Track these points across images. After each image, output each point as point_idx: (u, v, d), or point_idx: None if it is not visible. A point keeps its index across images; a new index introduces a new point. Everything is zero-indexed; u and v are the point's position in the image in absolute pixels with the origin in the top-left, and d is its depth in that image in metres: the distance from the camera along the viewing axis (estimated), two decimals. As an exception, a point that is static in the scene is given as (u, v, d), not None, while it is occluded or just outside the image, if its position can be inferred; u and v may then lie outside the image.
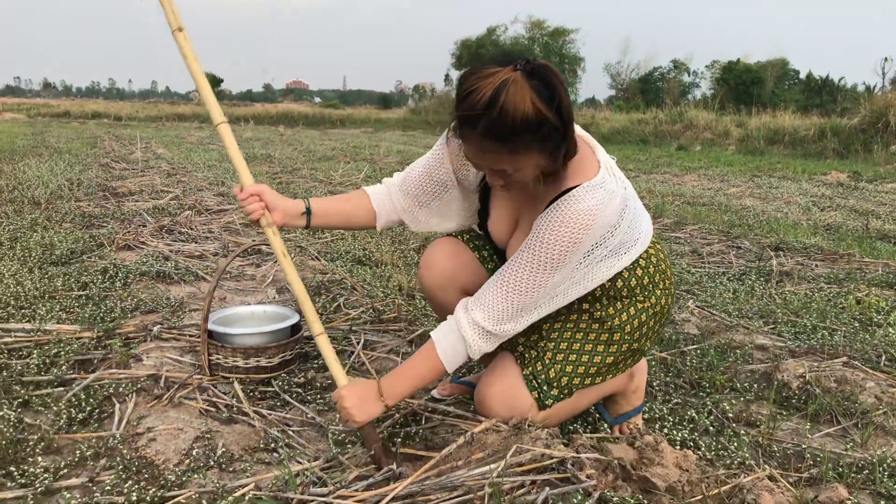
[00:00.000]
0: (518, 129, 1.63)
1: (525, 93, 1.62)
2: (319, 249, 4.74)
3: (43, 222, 5.23)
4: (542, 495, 1.63)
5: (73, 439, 2.07)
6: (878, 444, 2.22)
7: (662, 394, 2.54)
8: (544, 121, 1.65)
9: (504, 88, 1.62)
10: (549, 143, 1.70)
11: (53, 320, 3.01)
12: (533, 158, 1.73)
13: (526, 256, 1.84)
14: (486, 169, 1.82)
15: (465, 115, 1.68)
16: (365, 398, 1.92)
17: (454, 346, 1.92)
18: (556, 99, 1.66)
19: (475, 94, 1.65)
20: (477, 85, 1.65)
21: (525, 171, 1.76)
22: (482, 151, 1.74)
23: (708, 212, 6.96)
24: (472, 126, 1.68)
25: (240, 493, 1.75)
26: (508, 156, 1.71)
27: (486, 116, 1.63)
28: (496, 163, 1.75)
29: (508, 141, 1.67)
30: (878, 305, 3.63)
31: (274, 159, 11.70)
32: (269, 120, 33.95)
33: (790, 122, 17.88)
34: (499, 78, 1.63)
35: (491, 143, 1.69)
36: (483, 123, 1.65)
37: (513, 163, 1.73)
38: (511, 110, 1.61)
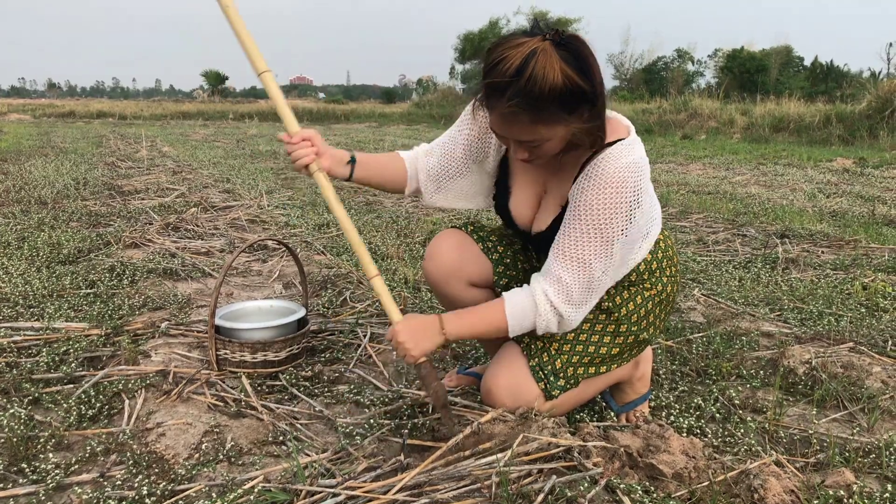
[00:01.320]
0: (547, 97, 1.63)
1: (554, 62, 1.61)
2: (325, 244, 4.75)
3: (50, 222, 5.26)
4: (548, 483, 1.64)
5: (84, 435, 2.09)
6: (885, 429, 2.23)
7: (669, 382, 2.55)
8: (575, 90, 1.64)
9: (533, 57, 1.61)
10: (579, 113, 1.69)
11: (62, 318, 3.03)
12: (561, 129, 1.71)
13: (580, 228, 1.81)
14: (511, 140, 1.80)
15: (494, 84, 1.67)
16: (422, 331, 1.90)
17: (523, 311, 1.89)
18: (587, 69, 1.65)
19: (504, 62, 1.64)
20: (506, 54, 1.65)
21: (552, 142, 1.75)
22: (509, 122, 1.72)
23: (713, 200, 6.95)
24: (501, 95, 1.67)
25: (249, 486, 1.76)
26: (535, 125, 1.69)
27: (514, 85, 1.63)
28: (523, 133, 1.73)
29: (537, 110, 1.65)
30: (885, 291, 3.63)
31: (279, 156, 11.70)
32: (273, 116, 33.86)
33: (795, 109, 17.82)
34: (528, 47, 1.63)
35: (519, 112, 1.67)
36: (511, 92, 1.64)
37: (540, 132, 1.71)
38: (540, 79, 1.60)
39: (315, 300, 3.47)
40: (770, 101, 20.01)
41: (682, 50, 54.25)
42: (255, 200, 6.55)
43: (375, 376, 2.60)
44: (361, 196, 7.17)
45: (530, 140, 1.74)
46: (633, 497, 1.66)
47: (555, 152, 1.80)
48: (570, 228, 1.84)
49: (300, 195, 7.04)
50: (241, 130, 21.47)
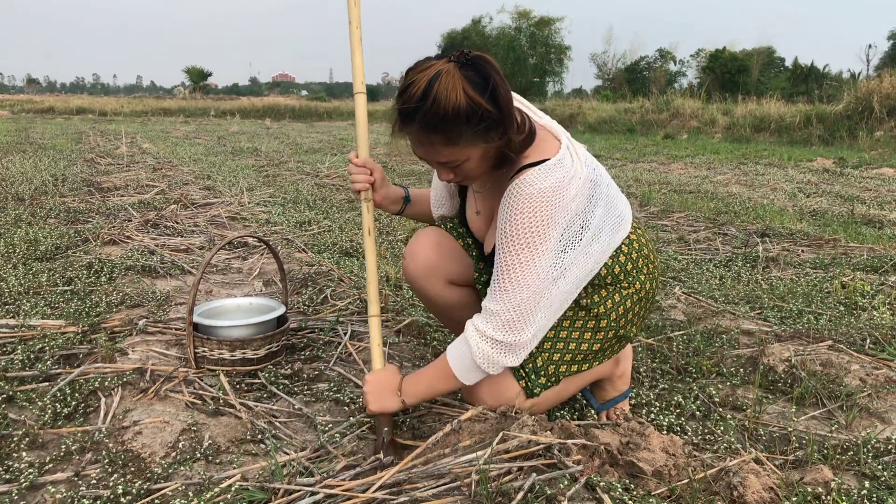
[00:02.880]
0: (451, 118, 1.66)
1: (457, 82, 1.64)
2: (306, 241, 4.73)
3: (27, 218, 5.20)
4: (528, 481, 1.64)
5: (59, 434, 2.06)
6: (863, 426, 2.24)
7: (649, 380, 2.55)
8: (477, 110, 1.66)
9: (437, 79, 1.64)
10: (490, 132, 1.72)
11: (38, 315, 2.99)
12: (476, 148, 1.74)
13: (504, 250, 1.82)
14: (431, 162, 1.84)
15: (403, 109, 1.71)
16: (384, 390, 1.96)
17: (462, 355, 1.89)
18: (490, 87, 1.67)
19: (412, 87, 1.68)
20: (414, 78, 1.69)
21: (471, 162, 1.77)
22: (422, 144, 1.76)
23: (695, 199, 6.98)
24: (411, 119, 1.71)
25: (226, 485, 1.74)
26: (447, 147, 1.73)
27: (421, 108, 1.66)
28: (437, 154, 1.77)
29: (444, 131, 1.68)
30: (863, 289, 3.65)
31: (260, 152, 11.64)
32: (255, 113, 33.84)
33: (776, 109, 17.96)
34: (433, 70, 1.66)
35: (428, 134, 1.71)
36: (419, 116, 1.68)
37: (454, 153, 1.75)
38: (443, 100, 1.64)
39: (295, 298, 3.45)
40: (751, 101, 20.13)
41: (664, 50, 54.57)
42: (236, 197, 6.50)
43: (355, 374, 2.58)
44: (343, 194, 7.13)
45: (447, 161, 1.78)
46: (612, 495, 1.65)
47: (480, 171, 1.83)
48: (498, 254, 1.84)
49: (281, 192, 7.00)
50: (223, 127, 21.37)
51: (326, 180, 8.19)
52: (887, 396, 2.43)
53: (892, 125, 14.63)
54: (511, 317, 1.83)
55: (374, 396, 1.94)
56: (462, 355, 1.89)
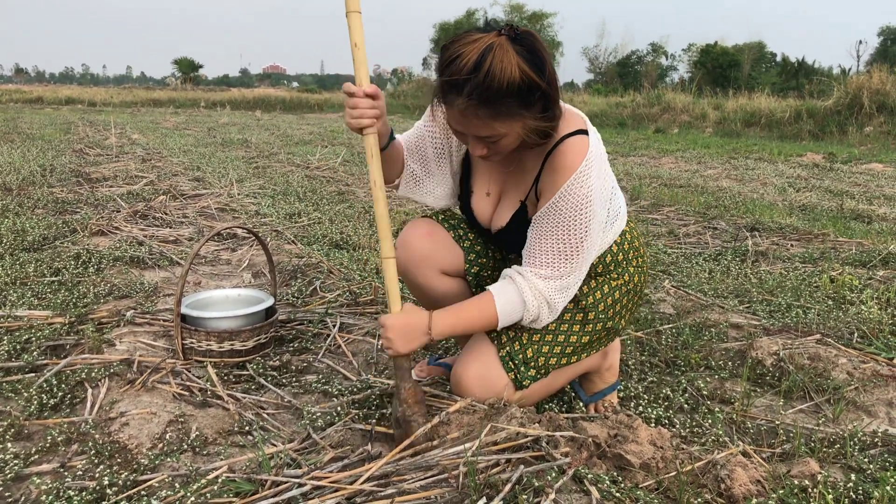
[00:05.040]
0: (504, 92, 1.64)
1: (511, 57, 1.62)
2: (296, 233, 4.71)
3: (15, 208, 5.16)
4: (516, 473, 1.64)
5: (45, 425, 2.05)
6: (850, 419, 2.25)
7: (638, 372, 2.55)
8: (531, 85, 1.65)
9: (490, 52, 1.62)
10: (535, 108, 1.71)
11: (25, 306, 2.97)
12: (518, 124, 1.73)
13: (554, 218, 1.82)
14: (469, 136, 1.81)
15: (451, 80, 1.67)
16: (411, 329, 1.87)
17: (512, 304, 1.89)
18: (541, 64, 1.66)
19: (460, 59, 1.64)
20: (462, 50, 1.65)
21: (509, 137, 1.76)
22: (468, 118, 1.73)
23: (685, 193, 6.99)
24: (458, 91, 1.67)
25: (213, 476, 1.73)
26: (493, 121, 1.71)
27: (472, 80, 1.63)
28: (481, 128, 1.74)
29: (494, 104, 1.66)
30: (852, 284, 3.67)
31: (251, 144, 11.59)
32: (245, 105, 33.68)
33: (767, 104, 17.99)
34: (484, 42, 1.64)
35: (476, 108, 1.68)
36: (469, 88, 1.65)
37: (500, 127, 1.72)
38: (498, 73, 1.61)
39: (284, 289, 3.44)
40: (742, 96, 20.18)
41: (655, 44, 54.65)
42: (226, 189, 6.48)
43: (344, 366, 2.57)
44: (333, 186, 7.11)
45: (488, 136, 1.76)
46: (600, 487, 1.65)
47: (512, 148, 1.82)
48: (544, 220, 1.85)
49: (271, 184, 6.98)
50: (213, 119, 21.26)
51: (317, 172, 8.16)
52: (874, 390, 2.44)
53: (882, 121, 14.69)
54: (565, 281, 1.88)
55: (404, 338, 1.86)
56: (514, 306, 1.89)
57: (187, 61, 66.71)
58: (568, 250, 1.84)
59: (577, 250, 1.84)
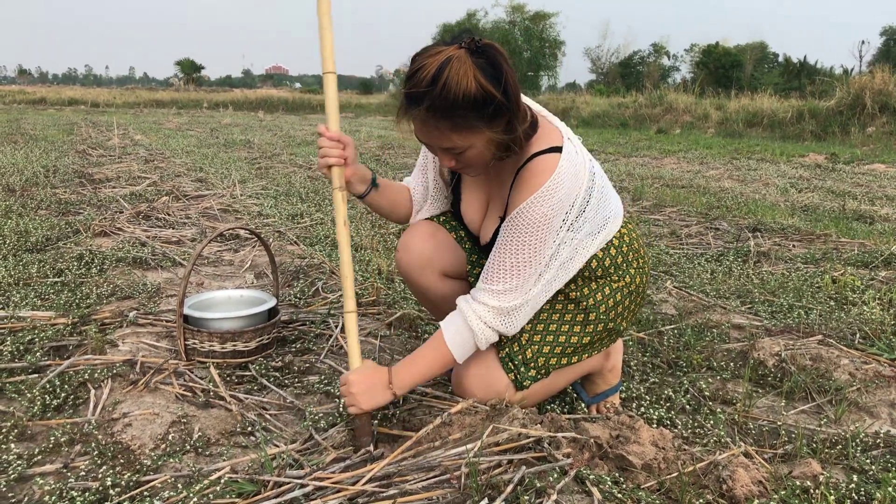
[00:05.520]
0: (460, 104, 1.66)
1: (468, 69, 1.65)
2: (298, 234, 4.72)
3: (18, 209, 5.17)
4: (518, 474, 1.64)
5: (48, 426, 2.06)
6: (852, 420, 2.25)
7: (640, 373, 2.55)
8: (488, 97, 1.67)
9: (448, 65, 1.65)
10: (497, 120, 1.72)
11: (28, 307, 2.97)
12: (481, 136, 1.74)
13: (509, 236, 1.84)
14: (435, 148, 1.83)
15: (411, 93, 1.71)
16: (373, 386, 1.89)
17: (461, 334, 1.90)
18: (502, 76, 1.68)
19: (420, 71, 1.68)
20: (423, 63, 1.69)
21: (474, 150, 1.78)
22: (428, 129, 1.75)
23: (687, 194, 6.99)
24: (418, 103, 1.70)
25: (216, 477, 1.74)
26: (453, 132, 1.73)
27: (429, 93, 1.66)
28: (443, 140, 1.76)
29: (452, 117, 1.69)
30: (854, 284, 3.66)
31: (253, 145, 11.61)
32: (248, 105, 33.73)
33: (769, 104, 17.98)
34: (444, 55, 1.66)
35: (436, 119, 1.71)
36: (427, 100, 1.67)
37: (459, 140, 1.74)
38: (454, 86, 1.64)
39: (287, 290, 3.44)
40: (744, 96, 20.17)
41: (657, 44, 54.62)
42: (228, 190, 6.48)
43: (346, 367, 2.57)
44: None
45: (450, 147, 1.77)
46: (602, 488, 1.65)
47: (483, 160, 1.83)
48: (503, 234, 1.87)
49: (274, 185, 6.98)
50: (216, 119, 21.29)
51: (319, 173, 8.17)
52: (876, 391, 2.44)
53: (884, 121, 14.67)
54: (513, 302, 1.88)
55: (366, 395, 1.88)
56: (462, 336, 1.90)
57: (190, 62, 66.82)
58: (520, 265, 1.84)
59: (528, 264, 1.85)
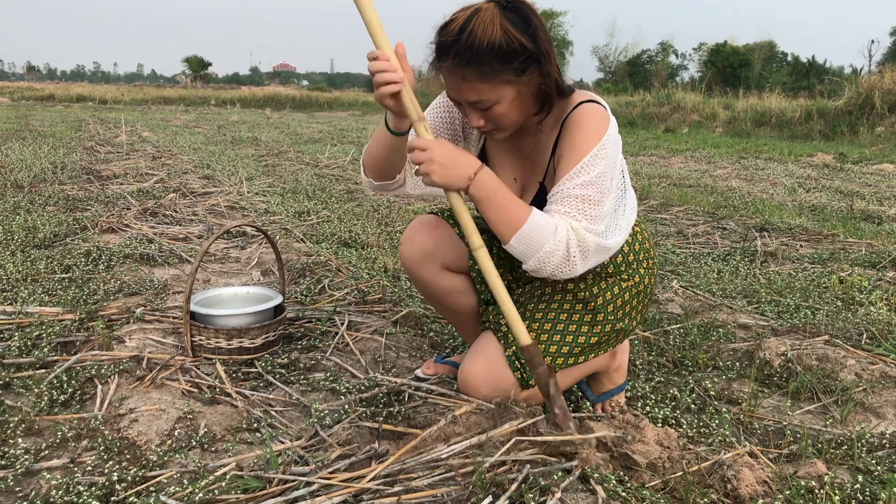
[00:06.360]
0: (486, 51, 1.67)
1: (495, 19, 1.68)
2: (305, 231, 4.72)
3: (26, 205, 5.19)
4: (523, 473, 1.64)
5: (55, 421, 2.06)
6: (858, 421, 2.24)
7: (645, 373, 2.55)
8: (515, 47, 1.68)
9: (476, 15, 1.68)
10: (527, 72, 1.73)
11: (35, 303, 2.99)
12: (510, 89, 1.74)
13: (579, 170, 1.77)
14: (464, 105, 1.82)
15: (440, 43, 1.74)
16: (457, 165, 1.72)
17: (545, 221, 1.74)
18: (531, 28, 1.70)
19: (451, 23, 1.72)
20: (454, 16, 1.73)
21: (502, 105, 1.76)
22: (456, 80, 1.75)
23: (694, 193, 6.98)
24: (446, 53, 1.72)
25: (221, 473, 1.75)
26: (481, 82, 1.72)
27: (457, 41, 1.68)
28: (471, 92, 1.75)
29: (478, 64, 1.69)
30: (861, 285, 3.65)
31: (260, 142, 11.62)
32: (255, 103, 33.79)
33: (777, 104, 17.91)
34: (474, 8, 1.71)
35: (462, 68, 1.71)
36: (454, 49, 1.69)
37: (487, 91, 1.73)
38: (480, 33, 1.66)
39: (293, 287, 3.45)
40: (752, 95, 20.11)
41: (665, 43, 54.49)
42: (235, 187, 6.50)
43: (352, 364, 2.58)
44: (342, 184, 7.13)
45: (478, 100, 1.76)
46: (606, 486, 1.66)
47: (513, 119, 1.82)
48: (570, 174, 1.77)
49: (281, 182, 7.00)
50: (223, 117, 21.34)
51: (326, 170, 8.18)
52: (882, 391, 2.43)
53: (893, 121, 14.61)
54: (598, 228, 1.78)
55: (445, 168, 1.70)
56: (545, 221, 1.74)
57: (197, 59, 66.97)
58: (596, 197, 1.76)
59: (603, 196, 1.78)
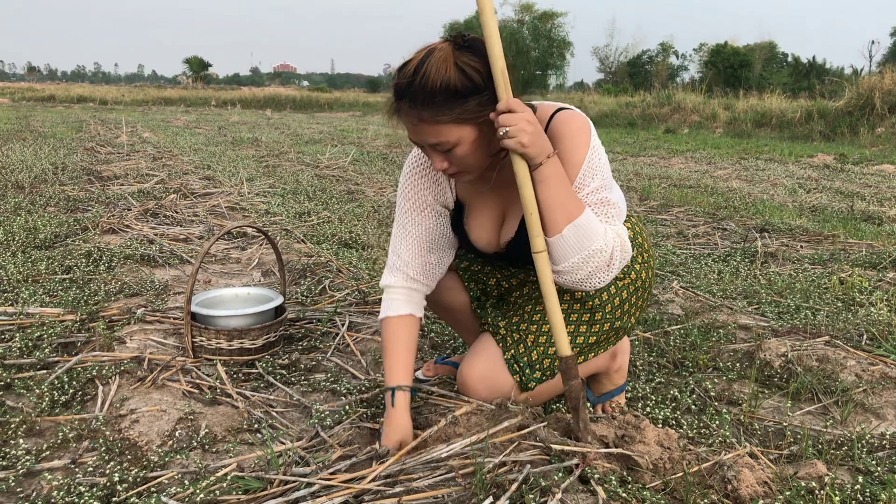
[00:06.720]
0: (440, 92, 1.64)
1: (448, 58, 1.64)
2: (305, 232, 4.73)
3: (27, 206, 5.20)
4: (523, 473, 1.64)
5: (56, 421, 2.07)
6: (858, 422, 2.24)
7: (646, 373, 2.55)
8: (469, 85, 1.65)
9: (429, 56, 1.65)
10: (485, 109, 1.68)
11: (37, 303, 2.99)
12: (468, 129, 1.70)
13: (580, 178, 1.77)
14: (426, 148, 1.79)
15: (397, 84, 1.71)
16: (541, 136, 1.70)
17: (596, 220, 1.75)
18: (487, 69, 1.66)
19: (407, 65, 1.69)
20: (410, 58, 1.70)
21: (464, 146, 1.71)
22: (413, 123, 1.72)
23: (694, 194, 6.98)
24: (402, 95, 1.70)
25: (222, 473, 1.75)
26: (438, 125, 1.68)
27: (412, 84, 1.66)
28: (430, 134, 1.71)
29: (432, 106, 1.66)
30: (861, 285, 3.65)
31: (261, 143, 11.63)
32: (256, 104, 33.79)
33: (777, 104, 17.90)
34: (427, 49, 1.68)
35: (418, 110, 1.68)
36: (409, 92, 1.67)
37: (445, 133, 1.69)
38: (432, 74, 1.63)
39: (294, 288, 3.45)
40: (753, 96, 20.10)
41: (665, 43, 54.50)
42: (236, 188, 6.50)
43: (353, 365, 2.59)
44: (343, 185, 7.13)
45: (437, 142, 1.72)
46: (607, 487, 1.66)
47: (477, 159, 1.77)
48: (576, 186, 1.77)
49: (281, 183, 7.00)
50: (224, 117, 21.34)
51: (326, 171, 8.18)
52: (882, 392, 2.43)
53: (894, 121, 14.60)
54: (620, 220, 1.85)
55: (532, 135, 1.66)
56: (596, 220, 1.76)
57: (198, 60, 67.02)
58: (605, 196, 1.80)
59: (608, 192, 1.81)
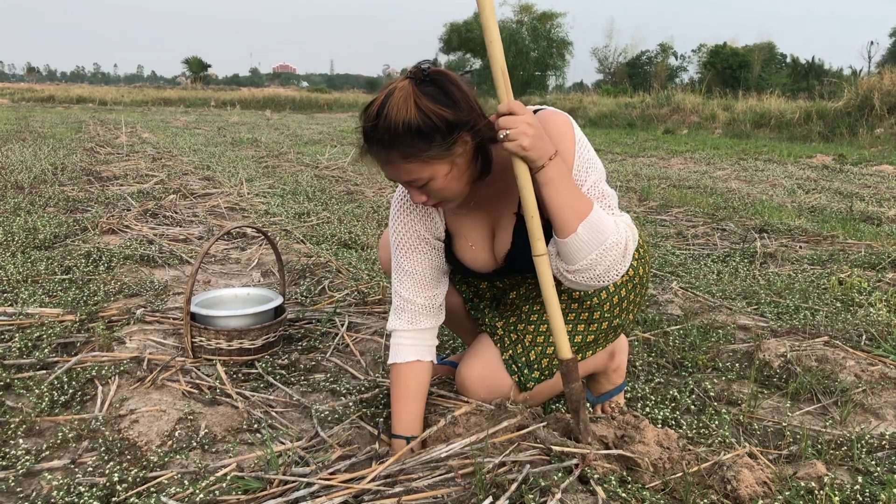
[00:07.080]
0: (403, 133, 1.61)
1: (408, 98, 1.61)
2: (305, 233, 4.73)
3: (26, 206, 5.20)
4: (522, 473, 1.64)
5: (55, 422, 2.07)
6: (857, 422, 2.25)
7: (645, 374, 2.56)
8: (432, 123, 1.61)
9: (390, 96, 1.62)
10: (455, 143, 1.65)
11: (36, 304, 2.99)
12: (440, 165, 1.67)
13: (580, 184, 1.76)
14: (402, 183, 1.77)
15: (363, 127, 1.69)
16: (544, 139, 1.66)
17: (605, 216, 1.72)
18: (450, 98, 1.63)
19: (371, 107, 1.67)
20: (374, 98, 1.68)
21: (439, 180, 1.69)
22: (383, 163, 1.71)
23: (694, 195, 6.98)
24: (368, 138, 1.69)
25: (222, 473, 1.75)
26: (407, 164, 1.66)
27: (376, 127, 1.64)
28: (401, 173, 1.70)
29: (399, 146, 1.63)
30: (860, 286, 3.66)
31: (260, 143, 11.63)
32: (255, 104, 33.79)
33: (776, 105, 17.90)
34: (389, 89, 1.65)
35: (386, 153, 1.67)
36: (374, 135, 1.65)
37: (416, 171, 1.67)
38: (393, 116, 1.60)
39: (293, 289, 3.45)
40: (752, 97, 20.10)
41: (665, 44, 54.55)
42: (236, 188, 6.50)
43: (352, 365, 2.59)
44: (342, 185, 7.13)
45: (411, 180, 1.71)
46: (606, 487, 1.66)
47: (456, 187, 1.74)
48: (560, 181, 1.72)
49: (281, 183, 7.00)
50: (223, 118, 21.34)
51: (326, 172, 8.18)
52: (882, 392, 2.43)
53: (893, 122, 14.60)
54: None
55: (533, 138, 1.62)
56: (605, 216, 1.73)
57: (197, 60, 67.03)
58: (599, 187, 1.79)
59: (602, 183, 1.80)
